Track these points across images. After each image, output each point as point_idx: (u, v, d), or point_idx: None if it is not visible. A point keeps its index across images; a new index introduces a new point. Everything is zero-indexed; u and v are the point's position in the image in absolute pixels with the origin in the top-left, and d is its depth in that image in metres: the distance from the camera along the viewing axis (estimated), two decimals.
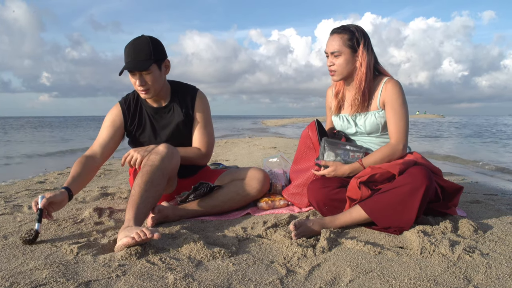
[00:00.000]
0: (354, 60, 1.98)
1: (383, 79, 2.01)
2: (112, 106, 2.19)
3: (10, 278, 1.24)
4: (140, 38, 1.97)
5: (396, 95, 1.95)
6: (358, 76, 1.98)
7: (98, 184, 3.29)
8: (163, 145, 1.87)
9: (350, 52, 1.96)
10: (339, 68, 1.98)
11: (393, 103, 1.95)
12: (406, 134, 1.96)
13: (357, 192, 1.76)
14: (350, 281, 1.26)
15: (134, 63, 1.93)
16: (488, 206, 2.29)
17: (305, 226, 1.67)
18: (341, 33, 1.96)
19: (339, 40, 1.95)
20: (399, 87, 1.97)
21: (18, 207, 2.30)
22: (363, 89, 1.99)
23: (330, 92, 2.24)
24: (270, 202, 2.20)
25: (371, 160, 1.94)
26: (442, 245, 1.50)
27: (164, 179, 1.82)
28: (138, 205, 1.66)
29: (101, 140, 2.09)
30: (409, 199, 1.66)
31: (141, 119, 2.15)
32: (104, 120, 2.16)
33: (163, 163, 1.80)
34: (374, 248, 1.51)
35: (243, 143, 8.62)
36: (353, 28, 1.97)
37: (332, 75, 2.04)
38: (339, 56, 1.97)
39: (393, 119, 1.96)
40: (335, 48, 1.96)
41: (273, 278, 1.28)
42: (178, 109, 2.15)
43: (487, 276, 1.28)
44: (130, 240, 1.44)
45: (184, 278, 1.26)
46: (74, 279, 1.24)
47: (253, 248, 1.57)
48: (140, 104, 2.17)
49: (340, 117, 2.15)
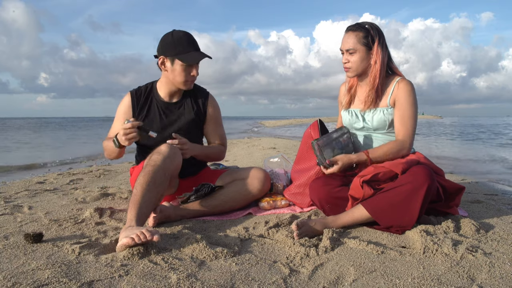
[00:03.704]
0: (368, 58, 1.99)
1: (396, 78, 2.03)
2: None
3: (12, 278, 1.23)
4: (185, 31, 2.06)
5: (407, 94, 1.96)
6: (373, 73, 2.00)
7: (98, 184, 3.28)
8: (165, 145, 1.86)
9: (365, 49, 1.97)
10: (354, 65, 2.00)
11: (404, 102, 1.96)
12: (413, 133, 1.97)
13: (360, 191, 1.76)
14: (354, 280, 1.26)
15: (201, 53, 2.05)
16: (489, 206, 2.30)
17: (307, 226, 1.67)
18: (356, 30, 1.97)
19: (354, 37, 1.96)
20: (412, 87, 1.98)
21: (18, 207, 2.29)
22: (377, 86, 2.00)
23: (343, 88, 2.25)
24: (271, 202, 2.20)
25: (378, 152, 1.94)
26: (445, 245, 1.50)
27: (166, 179, 1.81)
28: (140, 205, 1.66)
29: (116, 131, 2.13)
30: (411, 198, 1.66)
31: (149, 111, 2.17)
32: (117, 111, 2.20)
33: (165, 163, 1.79)
34: (377, 248, 1.51)
35: (243, 143, 8.62)
36: (368, 26, 1.98)
37: (346, 72, 2.06)
38: (354, 54, 1.98)
39: (401, 117, 1.96)
40: (350, 46, 1.97)
41: (276, 277, 1.27)
42: (189, 107, 2.20)
43: (491, 275, 1.28)
44: (130, 241, 1.44)
45: (187, 278, 1.25)
46: (77, 279, 1.23)
47: (255, 248, 1.57)
48: (152, 97, 2.19)
49: (349, 112, 2.16)
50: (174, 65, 2.04)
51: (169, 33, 2.05)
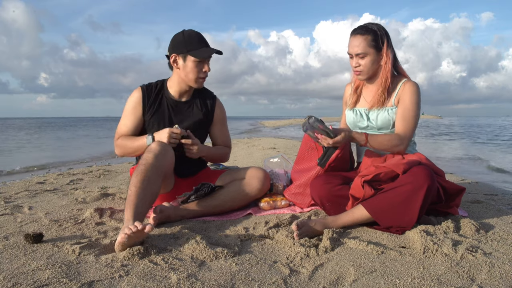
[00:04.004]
0: (379, 59, 2.00)
1: (402, 79, 2.04)
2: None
3: (12, 278, 1.23)
4: (195, 30, 2.12)
5: (411, 94, 1.98)
6: (384, 74, 2.01)
7: (98, 184, 3.28)
8: (156, 142, 1.88)
9: (375, 52, 1.98)
10: (365, 68, 2.00)
11: (408, 100, 1.97)
12: (412, 132, 1.98)
13: (361, 191, 1.76)
14: (354, 280, 1.26)
15: (212, 48, 2.08)
16: (489, 206, 2.30)
17: (307, 226, 1.67)
18: (365, 34, 1.97)
19: (363, 41, 1.96)
20: (417, 88, 2.00)
21: (18, 207, 2.29)
22: (388, 86, 2.01)
23: (349, 88, 2.26)
24: (271, 202, 2.20)
25: (376, 140, 1.92)
26: (445, 245, 1.50)
27: (160, 177, 1.82)
28: (136, 205, 1.65)
29: (128, 127, 2.16)
30: (411, 198, 1.66)
31: (159, 108, 2.17)
32: (126, 106, 2.19)
33: (157, 161, 1.80)
34: (377, 248, 1.51)
35: (242, 143, 8.62)
36: (375, 28, 1.98)
37: (358, 75, 2.06)
38: (364, 57, 1.98)
39: (403, 114, 1.97)
40: (360, 50, 1.97)
41: (276, 278, 1.27)
42: (198, 107, 2.24)
43: (491, 276, 1.28)
44: (123, 236, 1.44)
45: (188, 278, 1.25)
46: (77, 279, 1.23)
47: (255, 248, 1.57)
48: (162, 94, 2.20)
49: (354, 111, 2.16)
50: (186, 61, 2.07)
51: (180, 32, 2.10)
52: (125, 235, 1.44)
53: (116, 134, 2.18)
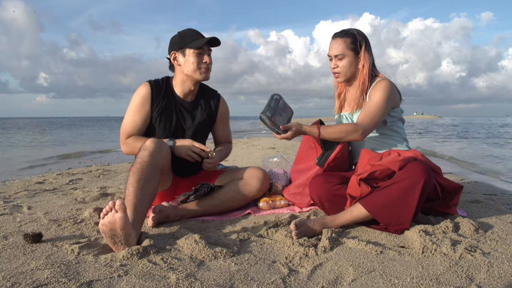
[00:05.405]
0: (356, 62, 2.06)
1: (377, 79, 2.09)
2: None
3: (11, 278, 1.23)
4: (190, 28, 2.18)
5: (378, 89, 2.01)
6: (361, 77, 2.06)
7: (98, 184, 3.28)
8: (150, 140, 1.86)
9: (353, 54, 2.04)
10: (343, 70, 2.06)
11: (373, 96, 2.01)
12: (372, 123, 1.95)
13: (357, 189, 1.76)
14: (353, 280, 1.26)
15: (208, 38, 2.07)
16: (488, 205, 2.30)
17: (306, 226, 1.67)
18: (344, 37, 2.04)
19: (342, 43, 2.03)
20: (385, 84, 2.01)
21: (18, 207, 2.29)
22: (366, 89, 2.06)
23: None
24: (270, 202, 2.20)
25: (329, 129, 1.93)
26: (444, 245, 1.51)
27: (156, 174, 1.80)
28: (134, 205, 1.64)
29: (136, 124, 2.13)
30: (408, 194, 1.66)
31: (166, 106, 2.16)
32: (132, 101, 2.14)
33: (152, 158, 1.79)
34: (376, 248, 1.51)
35: (242, 143, 8.62)
36: (354, 32, 2.06)
37: (336, 77, 2.12)
38: (342, 59, 2.05)
39: (368, 106, 2.00)
40: (339, 51, 2.04)
41: (275, 277, 1.28)
42: (202, 108, 2.25)
43: (489, 275, 1.29)
44: (101, 222, 1.44)
45: (187, 278, 1.25)
46: (76, 279, 1.23)
47: (254, 248, 1.57)
48: (170, 91, 2.19)
49: (341, 116, 2.23)
50: (186, 56, 2.09)
51: (176, 33, 2.14)
52: (103, 216, 1.45)
53: (123, 131, 2.13)
